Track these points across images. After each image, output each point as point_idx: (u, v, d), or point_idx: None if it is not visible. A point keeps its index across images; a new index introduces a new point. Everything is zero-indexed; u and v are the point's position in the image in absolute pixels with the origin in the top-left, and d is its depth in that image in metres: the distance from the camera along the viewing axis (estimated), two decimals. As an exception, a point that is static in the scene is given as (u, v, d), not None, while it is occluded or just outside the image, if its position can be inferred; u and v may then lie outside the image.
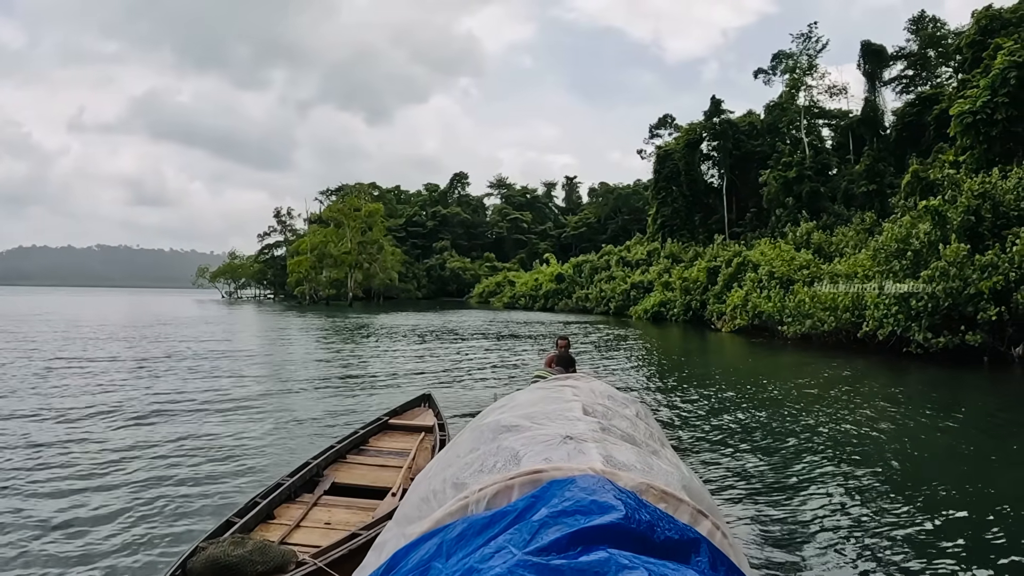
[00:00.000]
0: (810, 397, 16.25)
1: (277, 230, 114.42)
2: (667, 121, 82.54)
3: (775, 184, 54.43)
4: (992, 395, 17.70)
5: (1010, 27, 42.24)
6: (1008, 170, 26.44)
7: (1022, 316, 21.23)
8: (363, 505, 6.63)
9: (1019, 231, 22.25)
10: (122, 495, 8.10)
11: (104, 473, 8.99)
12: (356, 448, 8.56)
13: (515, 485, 2.89)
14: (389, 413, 10.15)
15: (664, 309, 51.51)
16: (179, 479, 8.79)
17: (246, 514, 5.96)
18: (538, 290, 79.26)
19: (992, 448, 11.71)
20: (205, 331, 34.51)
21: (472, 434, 4.26)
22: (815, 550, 6.86)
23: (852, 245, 37.19)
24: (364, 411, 13.41)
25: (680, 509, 2.87)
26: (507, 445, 3.51)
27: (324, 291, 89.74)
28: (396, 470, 7.66)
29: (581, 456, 3.18)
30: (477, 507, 2.88)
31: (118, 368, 19.54)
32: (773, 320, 32.34)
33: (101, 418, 12.46)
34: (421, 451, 8.49)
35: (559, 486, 2.70)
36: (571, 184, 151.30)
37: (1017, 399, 17.28)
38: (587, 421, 4.07)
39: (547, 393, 5.31)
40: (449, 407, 12.17)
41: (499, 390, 13.98)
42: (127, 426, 11.87)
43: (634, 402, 5.79)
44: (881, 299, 24.72)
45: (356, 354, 24.37)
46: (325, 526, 6.11)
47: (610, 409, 4.86)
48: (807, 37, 63.13)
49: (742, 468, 9.77)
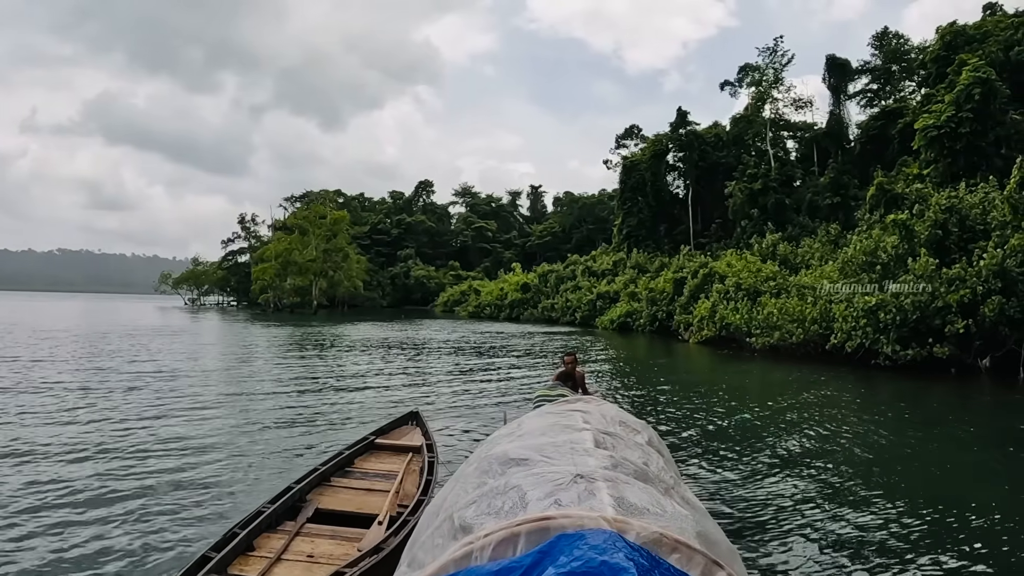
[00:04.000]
0: (777, 408, 16.14)
1: (241, 236, 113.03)
2: (633, 131, 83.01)
3: (740, 195, 54.88)
4: (959, 407, 17.81)
5: (974, 43, 43.02)
6: (974, 184, 26.75)
7: (989, 329, 21.39)
8: (348, 535, 6.28)
9: (985, 245, 22.47)
10: (83, 533, 7.35)
11: (59, 508, 8.18)
12: (341, 470, 8.17)
13: (521, 533, 2.77)
14: (375, 432, 9.68)
15: (630, 319, 51.58)
16: (144, 512, 8.05)
17: (223, 547, 5.57)
18: (504, 299, 78.95)
19: (956, 457, 11.90)
20: (167, 344, 33.59)
21: (479, 466, 4.07)
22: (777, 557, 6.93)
23: (818, 257, 37.49)
24: (333, 437, 12.97)
25: (694, 560, 2.76)
26: (515, 483, 3.41)
27: (288, 299, 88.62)
28: (383, 495, 7.30)
29: (591, 499, 3.07)
30: (481, 555, 2.75)
31: (81, 387, 18.26)
32: (741, 332, 32.39)
33: (56, 447, 11.64)
34: (409, 473, 8.11)
35: (567, 542, 2.56)
36: (536, 193, 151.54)
37: (984, 410, 17.44)
38: (598, 456, 3.93)
39: (557, 420, 5.07)
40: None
41: (508, 410, 13.58)
42: (83, 455, 10.88)
43: (646, 428, 5.53)
44: (849, 312, 24.86)
45: (328, 370, 23.71)
46: (308, 559, 5.75)
47: (622, 439, 4.63)
48: (773, 51, 64.09)
49: (710, 479, 9.57)
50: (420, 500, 6.96)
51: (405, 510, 6.71)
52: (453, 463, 9.96)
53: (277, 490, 7.13)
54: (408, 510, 6.67)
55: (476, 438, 12.22)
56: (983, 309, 21.12)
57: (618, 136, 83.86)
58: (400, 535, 5.96)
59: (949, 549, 7.20)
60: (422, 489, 7.39)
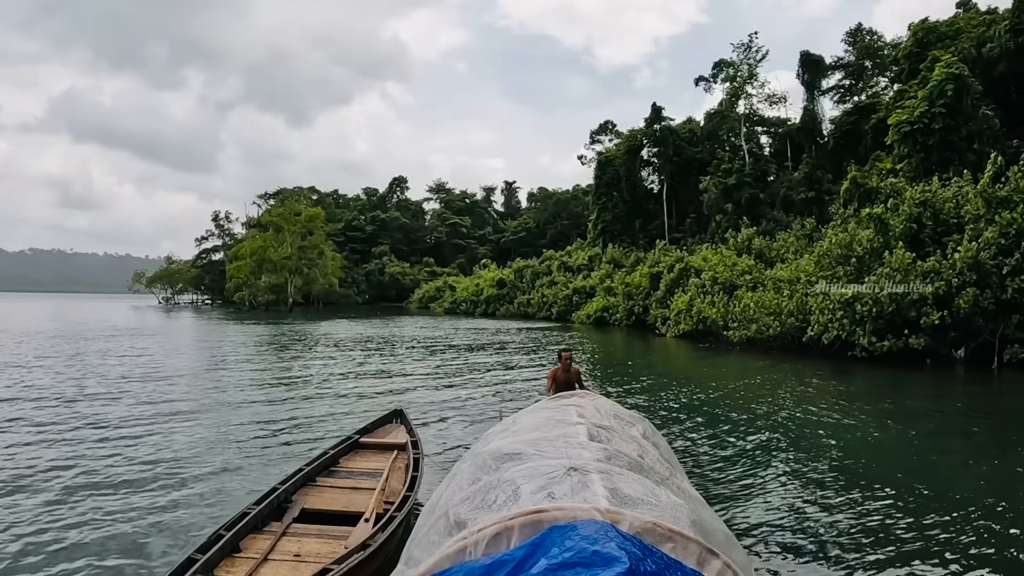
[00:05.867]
0: (757, 399, 16.26)
1: (215, 234, 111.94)
2: (608, 127, 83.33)
3: (715, 190, 55.16)
4: (933, 396, 18.07)
5: (946, 40, 43.55)
6: (946, 178, 27.06)
7: (964, 320, 21.66)
8: (334, 533, 6.25)
9: (959, 238, 22.76)
10: (65, 538, 7.18)
11: (35, 511, 8.03)
12: (326, 469, 8.14)
13: (515, 526, 2.81)
14: (360, 431, 9.63)
15: (607, 314, 51.69)
16: (126, 517, 7.85)
17: (209, 549, 5.53)
18: (479, 295, 78.69)
19: (929, 444, 12.18)
20: (143, 344, 33.20)
21: (474, 462, 4.08)
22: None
23: (793, 251, 37.75)
24: (319, 434, 12.85)
25: (688, 549, 2.79)
26: (508, 477, 3.44)
27: (263, 297, 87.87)
28: (368, 493, 7.26)
29: (585, 491, 3.09)
30: (476, 550, 2.80)
31: (58, 392, 17.59)
32: (718, 325, 32.59)
33: (32, 446, 11.45)
34: (394, 471, 8.05)
35: (559, 533, 2.59)
36: (510, 189, 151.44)
37: (957, 399, 17.66)
38: (592, 448, 3.94)
39: (551, 415, 5.09)
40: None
41: (504, 407, 13.53)
42: (62, 458, 10.82)
43: (641, 420, 5.56)
44: (826, 304, 25.10)
45: (308, 369, 23.39)
46: (295, 559, 5.72)
47: (616, 432, 4.64)
48: (748, 47, 64.46)
49: (689, 467, 9.62)
50: (406, 497, 6.98)
51: (392, 507, 6.69)
52: (438, 460, 9.96)
53: (262, 491, 7.09)
54: (394, 507, 6.67)
55: (460, 434, 12.20)
56: (958, 301, 21.39)
57: (593, 131, 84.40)
58: (387, 531, 5.97)
59: (920, 532, 7.42)
60: (408, 486, 7.38)
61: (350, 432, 9.70)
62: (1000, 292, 21.07)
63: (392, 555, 5.24)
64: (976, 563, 6.62)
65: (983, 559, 6.72)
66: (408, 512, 6.60)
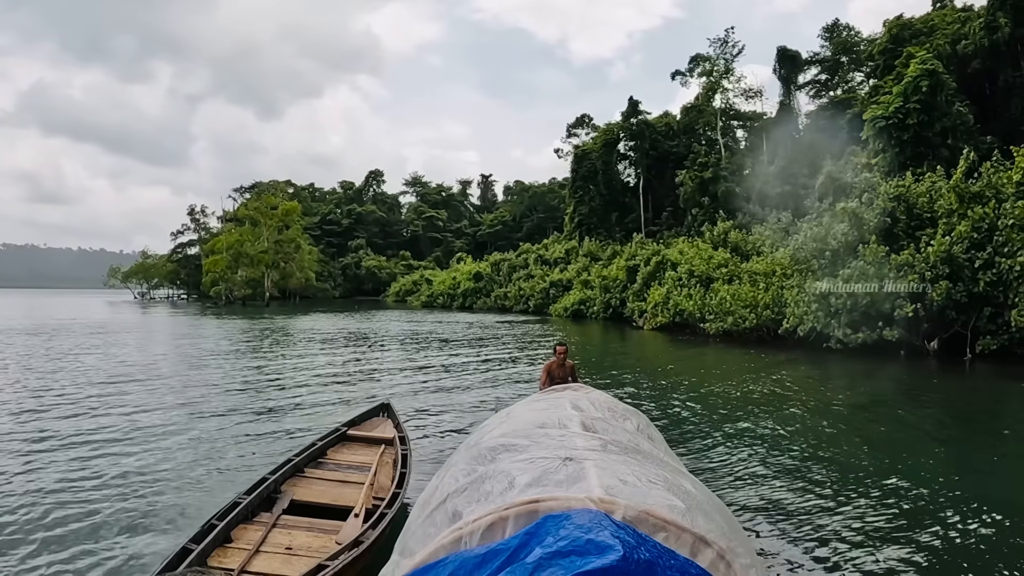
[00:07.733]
0: (733, 389, 16.50)
1: (191, 228, 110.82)
2: (584, 120, 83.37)
3: (691, 184, 55.42)
4: (907, 387, 18.25)
5: (921, 36, 43.96)
6: (920, 173, 27.31)
7: (937, 312, 21.92)
8: (325, 527, 6.26)
9: (933, 232, 23.01)
10: (56, 531, 7.13)
11: (25, 505, 7.94)
12: (314, 461, 8.10)
13: (510, 516, 2.83)
14: (347, 423, 9.54)
15: (584, 307, 51.85)
16: (122, 505, 7.89)
17: (202, 539, 5.55)
18: (456, 289, 78.57)
19: (901, 433, 12.36)
20: (120, 340, 32.92)
21: (469, 453, 4.07)
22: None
23: (769, 244, 37.93)
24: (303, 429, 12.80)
25: (682, 539, 2.81)
26: (503, 468, 3.44)
27: (240, 291, 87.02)
28: (357, 487, 7.27)
29: (579, 481, 3.10)
30: (471, 540, 2.81)
31: (40, 387, 17.51)
32: (695, 318, 32.77)
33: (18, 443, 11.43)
34: (383, 465, 8.05)
35: (554, 522, 2.61)
36: (486, 182, 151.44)
37: (929, 389, 17.84)
38: (586, 438, 3.95)
39: (546, 407, 5.11)
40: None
41: (498, 400, 13.54)
42: (48, 451, 10.78)
43: (636, 413, 5.59)
44: (801, 297, 25.35)
45: (288, 363, 23.20)
46: (287, 551, 5.75)
47: (611, 424, 4.67)
48: (724, 42, 64.63)
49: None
50: (396, 494, 7.00)
51: (381, 503, 6.72)
52: (424, 453, 9.98)
53: (251, 482, 7.09)
54: (384, 503, 6.69)
55: (447, 427, 12.21)
56: (931, 294, 21.63)
57: (569, 125, 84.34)
58: (378, 528, 5.99)
59: (888, 515, 7.65)
60: (396, 482, 7.40)
61: (337, 424, 9.65)
62: (972, 285, 21.32)
63: (381, 552, 5.26)
64: (936, 543, 6.90)
65: (942, 539, 7.02)
66: (397, 509, 6.61)
